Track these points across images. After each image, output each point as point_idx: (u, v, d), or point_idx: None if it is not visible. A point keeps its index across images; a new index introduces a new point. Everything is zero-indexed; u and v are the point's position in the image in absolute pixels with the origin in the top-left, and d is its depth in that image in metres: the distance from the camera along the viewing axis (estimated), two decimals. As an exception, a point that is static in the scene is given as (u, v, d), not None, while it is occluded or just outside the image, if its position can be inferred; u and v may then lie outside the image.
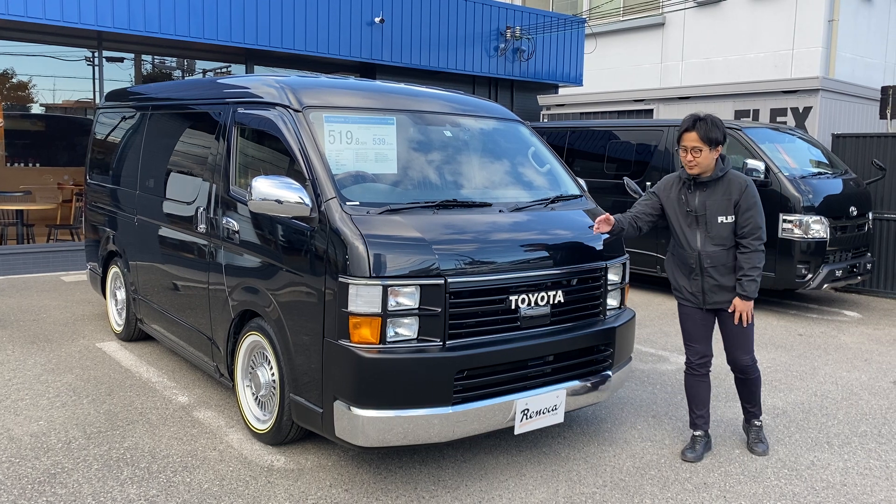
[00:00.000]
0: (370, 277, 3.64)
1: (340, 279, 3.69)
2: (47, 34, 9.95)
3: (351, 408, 3.67)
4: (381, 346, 3.66)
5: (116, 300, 6.69)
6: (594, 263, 4.38)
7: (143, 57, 11.30)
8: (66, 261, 10.02)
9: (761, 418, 4.60)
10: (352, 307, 3.65)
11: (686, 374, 4.48)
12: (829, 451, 4.56)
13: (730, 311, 4.28)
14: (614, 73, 19.77)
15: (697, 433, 4.47)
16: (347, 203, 3.85)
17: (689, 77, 18.35)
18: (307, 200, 3.88)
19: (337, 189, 3.90)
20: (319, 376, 3.84)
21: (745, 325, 4.29)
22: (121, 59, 10.97)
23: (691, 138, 4.15)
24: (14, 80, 10.55)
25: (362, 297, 3.64)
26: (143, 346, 6.38)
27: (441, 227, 3.93)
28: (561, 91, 15.48)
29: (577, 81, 14.97)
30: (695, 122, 4.16)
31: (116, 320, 6.69)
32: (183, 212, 5.21)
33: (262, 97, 4.54)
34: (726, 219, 4.19)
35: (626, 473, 4.18)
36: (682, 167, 4.30)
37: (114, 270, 6.65)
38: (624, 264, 4.64)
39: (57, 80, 10.74)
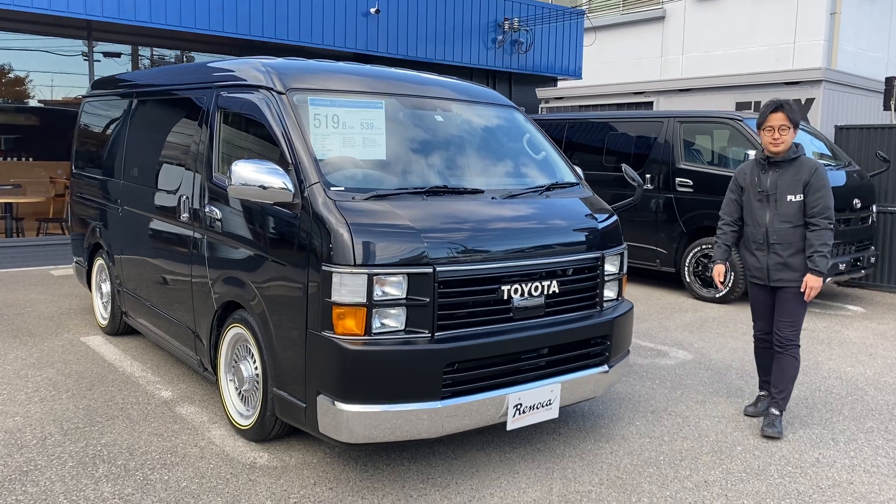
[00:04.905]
0: (355, 266, 3.47)
1: (324, 267, 3.52)
2: (35, 23, 9.77)
3: (335, 402, 3.51)
4: (366, 337, 3.50)
5: (102, 293, 6.52)
6: (591, 253, 4.21)
7: (141, 53, 11.11)
8: (55, 255, 9.85)
9: (783, 414, 4.68)
10: (335, 297, 3.48)
11: (754, 343, 4.93)
12: (835, 448, 4.39)
13: (802, 289, 4.49)
14: (614, 67, 19.59)
15: (762, 393, 4.91)
16: (332, 188, 3.68)
17: (689, 71, 18.16)
18: (290, 186, 3.71)
19: (321, 174, 3.72)
20: (303, 370, 3.68)
21: (807, 300, 4.52)
22: (118, 55, 10.77)
23: (779, 118, 4.44)
24: (7, 74, 10.37)
25: (346, 287, 3.47)
26: (129, 341, 6.21)
27: (430, 215, 3.76)
28: (560, 84, 15.30)
29: (577, 75, 14.79)
30: (780, 105, 4.47)
31: (102, 314, 6.52)
32: (166, 201, 5.04)
33: (245, 80, 4.36)
34: (795, 198, 4.48)
35: (624, 471, 4.01)
36: (760, 150, 4.64)
37: (99, 263, 6.48)
38: (621, 254, 4.47)
39: (50, 74, 10.55)
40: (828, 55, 16.07)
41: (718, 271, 4.86)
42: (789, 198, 4.48)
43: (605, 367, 4.23)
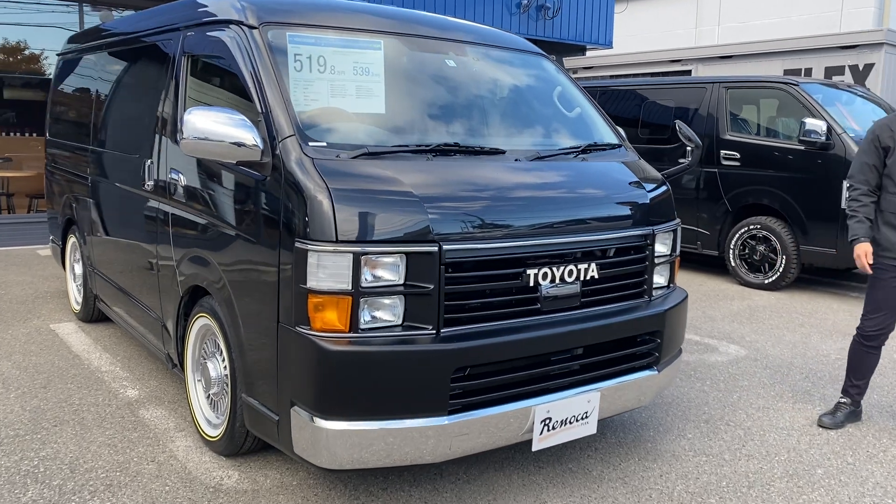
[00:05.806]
0: (337, 242, 2.68)
1: (297, 245, 2.74)
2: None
3: (313, 418, 2.74)
4: (352, 334, 2.72)
5: (75, 275, 5.81)
6: (637, 229, 3.39)
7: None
8: (45, 233, 9.16)
9: None
10: (312, 282, 2.70)
11: (855, 342, 4.09)
12: (940, 473, 3.56)
13: None
14: (646, 38, 18.56)
15: (844, 400, 4.15)
16: (310, 143, 2.89)
17: (726, 42, 17.09)
18: (257, 141, 2.93)
19: (297, 125, 2.93)
20: (275, 373, 2.91)
21: None
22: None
23: None
24: (6, 48, 9.69)
25: (326, 269, 2.69)
26: (103, 329, 5.49)
27: (437, 179, 2.96)
28: (588, 53, 14.33)
29: (607, 44, 13.80)
30: None
31: (76, 298, 5.81)
32: (131, 169, 4.29)
33: (216, 15, 3.57)
34: None
35: (679, 501, 3.21)
36: None
37: (72, 241, 5.77)
38: (674, 231, 3.64)
39: (52, 50, 9.88)
40: (878, 22, 14.94)
41: (866, 251, 3.99)
42: None
43: (654, 371, 3.42)
